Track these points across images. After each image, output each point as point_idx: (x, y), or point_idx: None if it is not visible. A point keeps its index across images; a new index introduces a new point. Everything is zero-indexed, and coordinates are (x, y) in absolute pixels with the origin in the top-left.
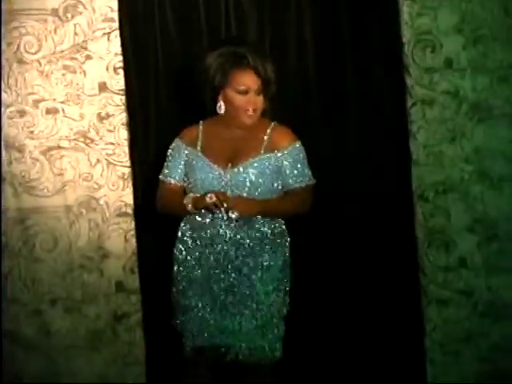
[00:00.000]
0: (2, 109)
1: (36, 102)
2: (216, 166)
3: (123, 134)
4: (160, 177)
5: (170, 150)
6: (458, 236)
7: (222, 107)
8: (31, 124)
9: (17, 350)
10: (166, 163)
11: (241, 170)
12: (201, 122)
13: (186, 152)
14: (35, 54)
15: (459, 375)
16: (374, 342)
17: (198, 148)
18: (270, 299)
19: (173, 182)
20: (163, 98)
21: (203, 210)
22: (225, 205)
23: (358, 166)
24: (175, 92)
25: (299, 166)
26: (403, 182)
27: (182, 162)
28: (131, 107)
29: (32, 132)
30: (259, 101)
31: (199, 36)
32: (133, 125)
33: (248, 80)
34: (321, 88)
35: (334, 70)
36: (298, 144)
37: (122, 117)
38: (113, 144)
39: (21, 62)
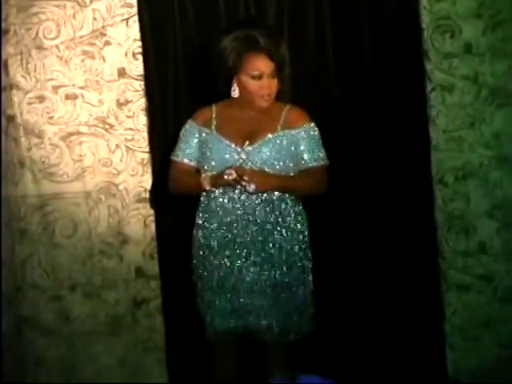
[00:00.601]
0: (21, 95)
1: (55, 88)
2: (233, 144)
3: (142, 120)
4: (172, 157)
5: (182, 131)
6: (477, 221)
7: (236, 91)
8: (50, 110)
9: (37, 336)
10: (177, 144)
11: (258, 147)
12: (213, 104)
13: (200, 132)
14: (54, 39)
15: (479, 360)
16: (393, 327)
17: (213, 128)
18: (292, 277)
19: (186, 161)
20: (182, 84)
21: (221, 189)
22: (245, 178)
23: (377, 150)
24: (194, 77)
25: (314, 145)
26: (423, 167)
27: (196, 142)
28: (150, 93)
29: (51, 118)
30: (273, 84)
31: (218, 21)
32: (152, 110)
33: (261, 65)
34: (339, 74)
35: (353, 56)
36: (312, 124)
37: (140, 102)
38: (132, 129)
39: (40, 47)
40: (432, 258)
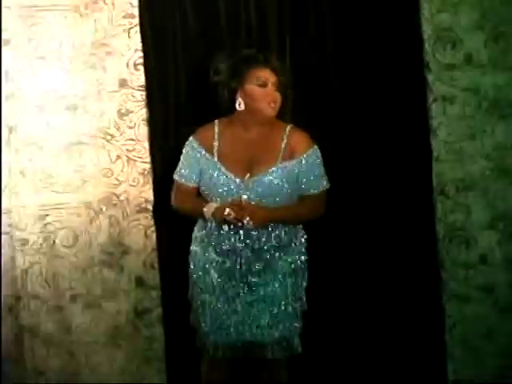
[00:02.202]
0: (23, 105)
1: (56, 98)
2: (233, 175)
3: (143, 130)
4: (175, 177)
5: (185, 149)
6: (478, 232)
7: (241, 104)
8: (51, 120)
9: (37, 346)
10: (181, 162)
11: (259, 179)
12: (216, 121)
13: (202, 157)
14: (56, 49)
15: (479, 371)
16: (394, 339)
17: (215, 153)
18: (287, 297)
19: (190, 185)
20: (183, 94)
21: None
22: (245, 220)
23: (378, 161)
24: (195, 88)
25: (315, 172)
26: (424, 178)
27: (197, 164)
28: (151, 103)
29: (52, 128)
30: (278, 96)
31: (219, 32)
32: (153, 121)
33: (266, 74)
34: (340, 85)
35: (354, 67)
36: (314, 148)
37: (142, 113)
38: (133, 140)
39: (41, 58)
40: (433, 269)
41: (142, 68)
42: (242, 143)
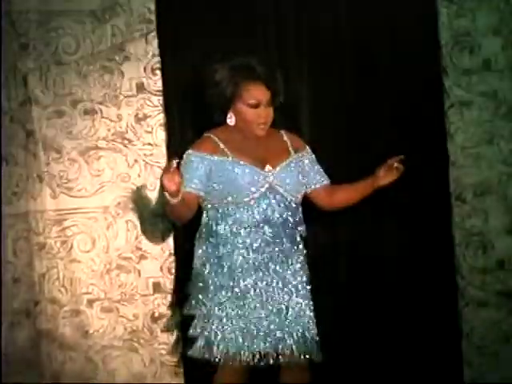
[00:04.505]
0: (40, 109)
1: (74, 103)
2: (255, 167)
3: (161, 135)
4: None
5: (184, 163)
6: (495, 238)
7: (232, 119)
8: (69, 125)
9: (55, 350)
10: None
11: (281, 170)
12: (206, 134)
13: (213, 161)
14: (73, 54)
15: (497, 377)
16: (411, 344)
17: (229, 154)
18: (298, 301)
19: (187, 190)
20: (200, 99)
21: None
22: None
23: None
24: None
25: (316, 167)
26: (441, 183)
27: (203, 172)
28: (168, 108)
29: (70, 133)
30: (269, 113)
31: (236, 35)
32: (170, 125)
33: (258, 93)
34: (360, 93)
35: (372, 72)
36: (308, 147)
37: (159, 117)
38: (150, 145)
39: (59, 63)
40: (450, 274)
41: (159, 73)
42: (250, 143)
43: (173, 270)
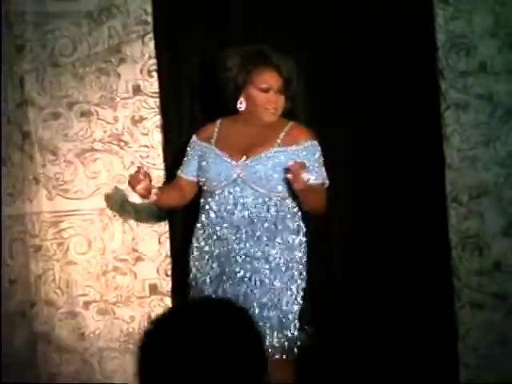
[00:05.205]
0: (37, 111)
1: (70, 105)
2: (228, 158)
3: (157, 137)
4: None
5: (187, 148)
6: (491, 240)
7: (242, 104)
8: (65, 126)
9: (51, 352)
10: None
11: (253, 162)
12: (219, 120)
13: (201, 147)
14: (70, 56)
15: (493, 379)
16: (407, 346)
17: (212, 142)
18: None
19: (184, 177)
20: (197, 101)
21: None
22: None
23: (391, 169)
24: (208, 95)
25: (316, 163)
26: (437, 185)
27: (196, 158)
28: (165, 110)
29: (66, 135)
30: (280, 100)
31: (234, 38)
32: (167, 127)
33: (270, 78)
34: (354, 94)
35: (367, 74)
36: (315, 143)
37: (155, 119)
38: (147, 147)
39: (55, 64)
40: (446, 276)
41: (155, 75)
42: (240, 133)
43: (169, 272)
